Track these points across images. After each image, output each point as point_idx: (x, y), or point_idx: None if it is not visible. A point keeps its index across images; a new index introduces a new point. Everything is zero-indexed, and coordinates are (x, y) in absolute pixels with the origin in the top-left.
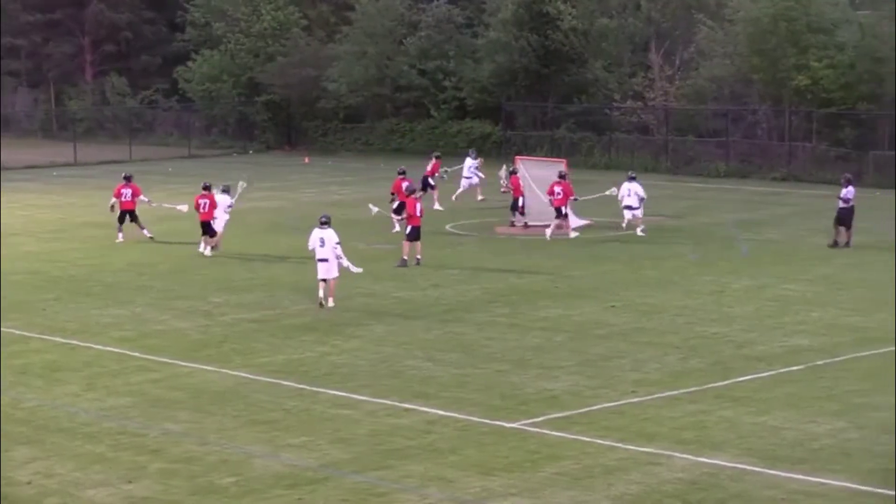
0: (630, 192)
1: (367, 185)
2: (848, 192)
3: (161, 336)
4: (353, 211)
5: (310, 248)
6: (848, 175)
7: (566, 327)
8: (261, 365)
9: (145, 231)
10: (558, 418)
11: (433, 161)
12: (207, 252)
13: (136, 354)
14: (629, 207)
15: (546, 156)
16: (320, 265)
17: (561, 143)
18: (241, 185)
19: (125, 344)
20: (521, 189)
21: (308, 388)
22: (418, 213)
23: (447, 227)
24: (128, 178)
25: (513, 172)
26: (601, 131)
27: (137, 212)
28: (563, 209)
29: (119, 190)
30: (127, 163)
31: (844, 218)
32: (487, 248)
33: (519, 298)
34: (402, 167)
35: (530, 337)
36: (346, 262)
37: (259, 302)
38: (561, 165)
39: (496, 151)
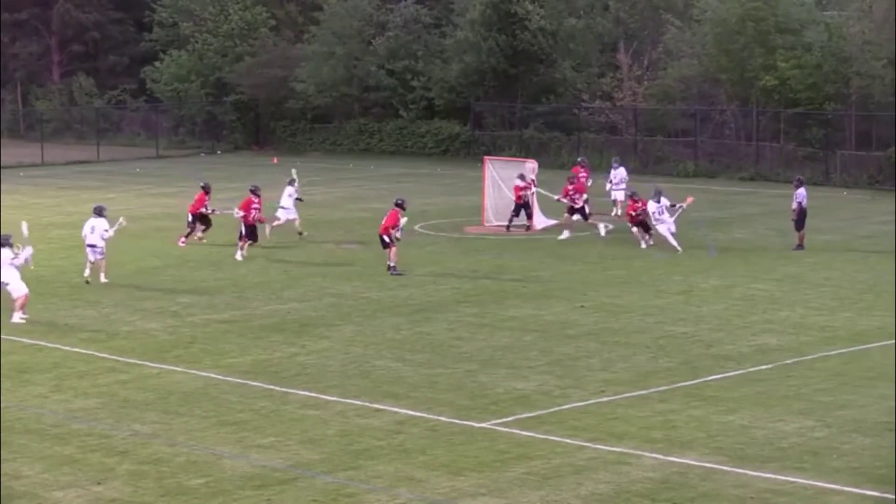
0: (617, 177)
1: (336, 185)
2: (799, 193)
3: (129, 337)
4: (321, 211)
5: (83, 234)
6: (800, 177)
7: (535, 327)
8: (230, 366)
9: (198, 233)
10: (528, 418)
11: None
12: (239, 256)
13: (104, 355)
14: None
15: (515, 156)
16: (89, 250)
17: (530, 143)
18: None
19: (93, 345)
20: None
21: (277, 388)
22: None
23: (416, 227)
24: (256, 192)
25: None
26: (570, 131)
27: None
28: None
29: (248, 205)
30: (94, 163)
31: (799, 220)
32: (457, 248)
33: (488, 298)
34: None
35: (500, 336)
36: (111, 232)
37: (227, 303)
38: (530, 165)
39: (465, 151)
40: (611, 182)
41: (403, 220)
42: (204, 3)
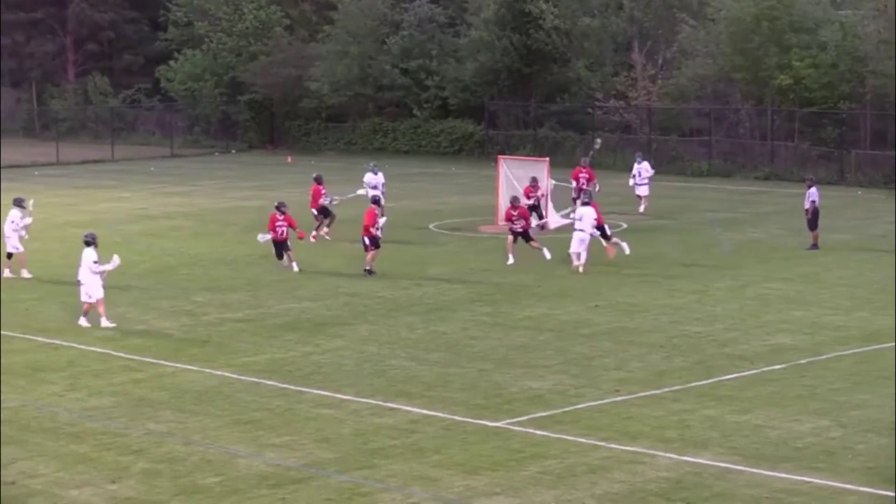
0: (641, 172)
1: (350, 185)
2: (812, 193)
3: (144, 336)
4: (335, 210)
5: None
6: (810, 176)
7: (550, 326)
8: (244, 364)
9: (294, 265)
10: (542, 417)
11: None
12: (295, 267)
13: (120, 354)
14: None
15: (528, 155)
16: (80, 289)
17: (544, 142)
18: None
19: (108, 344)
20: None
21: (292, 387)
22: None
23: (431, 226)
24: (281, 208)
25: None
26: (584, 130)
27: (290, 244)
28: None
29: (273, 223)
30: (109, 162)
31: (813, 219)
32: (471, 247)
33: (502, 297)
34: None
35: (514, 336)
36: (106, 268)
37: (242, 301)
38: (543, 165)
39: (479, 150)
40: (634, 178)
41: (382, 220)
42: (218, 3)
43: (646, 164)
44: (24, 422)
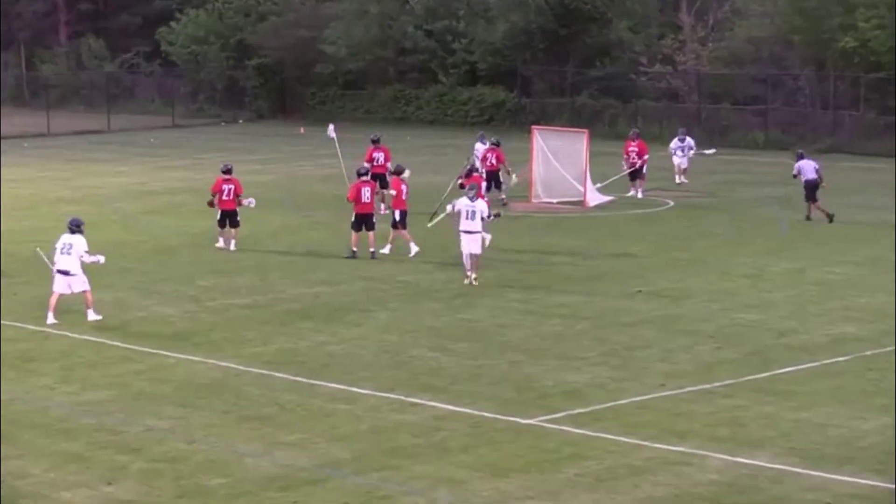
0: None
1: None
2: (798, 166)
3: (144, 323)
4: None
5: (53, 257)
6: (800, 150)
7: (588, 314)
8: (252, 355)
9: (232, 242)
10: (580, 414)
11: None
12: (232, 247)
13: (117, 343)
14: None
15: (565, 125)
16: (59, 278)
17: (582, 111)
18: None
19: (104, 332)
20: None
21: (304, 380)
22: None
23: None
24: (229, 171)
25: (496, 144)
26: (626, 98)
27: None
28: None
29: (219, 184)
30: (105, 133)
31: (807, 191)
32: (502, 226)
33: (536, 282)
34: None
35: (549, 324)
36: (92, 259)
37: (250, 286)
38: (582, 136)
39: (510, 120)
40: (675, 153)
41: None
42: None
43: (689, 141)
44: (12, 417)
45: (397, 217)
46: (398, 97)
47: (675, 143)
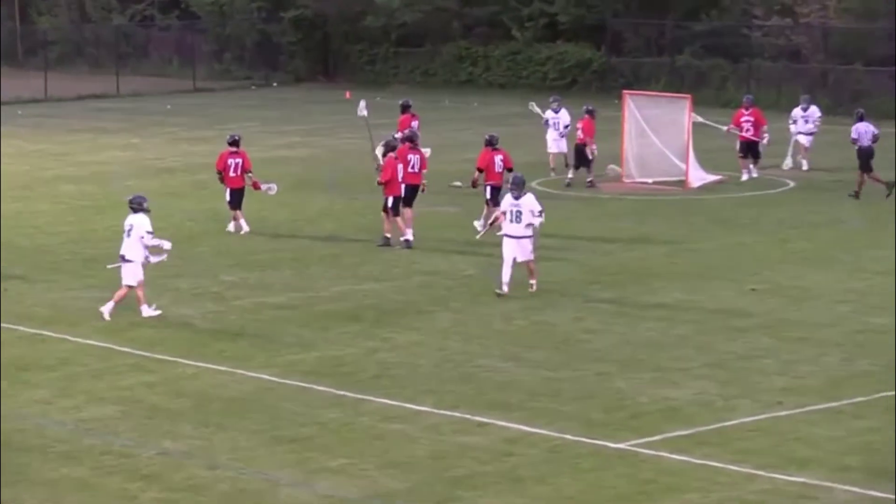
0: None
1: (427, 129)
2: (856, 128)
3: (158, 326)
4: None
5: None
6: (860, 110)
7: (691, 317)
8: (288, 364)
9: (242, 223)
10: (680, 437)
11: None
12: (245, 229)
13: (126, 350)
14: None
15: (664, 90)
16: (124, 267)
17: (684, 72)
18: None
19: (111, 336)
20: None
21: (350, 394)
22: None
23: (534, 183)
24: (235, 142)
25: (590, 113)
26: (737, 58)
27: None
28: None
29: (224, 159)
30: (113, 98)
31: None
32: (588, 211)
33: (628, 278)
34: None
35: (643, 329)
36: (163, 244)
37: (285, 282)
38: (684, 103)
39: (597, 84)
40: (795, 123)
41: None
42: None
43: (814, 111)
44: (4, 437)
45: (390, 203)
46: (463, 56)
47: (796, 112)
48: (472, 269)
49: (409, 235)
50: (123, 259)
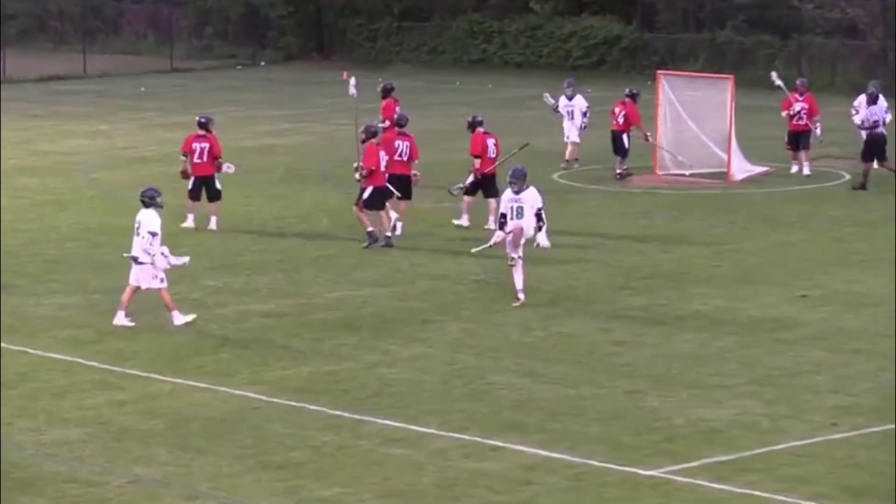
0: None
1: (434, 113)
2: (870, 111)
3: (129, 337)
4: None
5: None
6: (872, 88)
7: (732, 327)
8: (277, 381)
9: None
10: (721, 463)
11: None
12: (212, 225)
13: (93, 364)
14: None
15: (703, 70)
16: (136, 269)
17: (726, 50)
18: None
19: (76, 348)
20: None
21: (347, 415)
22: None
23: (555, 176)
24: (204, 125)
25: (631, 96)
26: (786, 34)
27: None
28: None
29: (189, 142)
30: (80, 79)
31: (874, 147)
32: (615, 206)
33: (661, 283)
34: None
35: (678, 341)
36: (163, 263)
37: (274, 287)
38: (726, 84)
39: (628, 63)
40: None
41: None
42: None
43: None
44: None
45: (367, 194)
46: (475, 31)
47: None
48: (486, 273)
49: (396, 230)
50: (135, 261)
